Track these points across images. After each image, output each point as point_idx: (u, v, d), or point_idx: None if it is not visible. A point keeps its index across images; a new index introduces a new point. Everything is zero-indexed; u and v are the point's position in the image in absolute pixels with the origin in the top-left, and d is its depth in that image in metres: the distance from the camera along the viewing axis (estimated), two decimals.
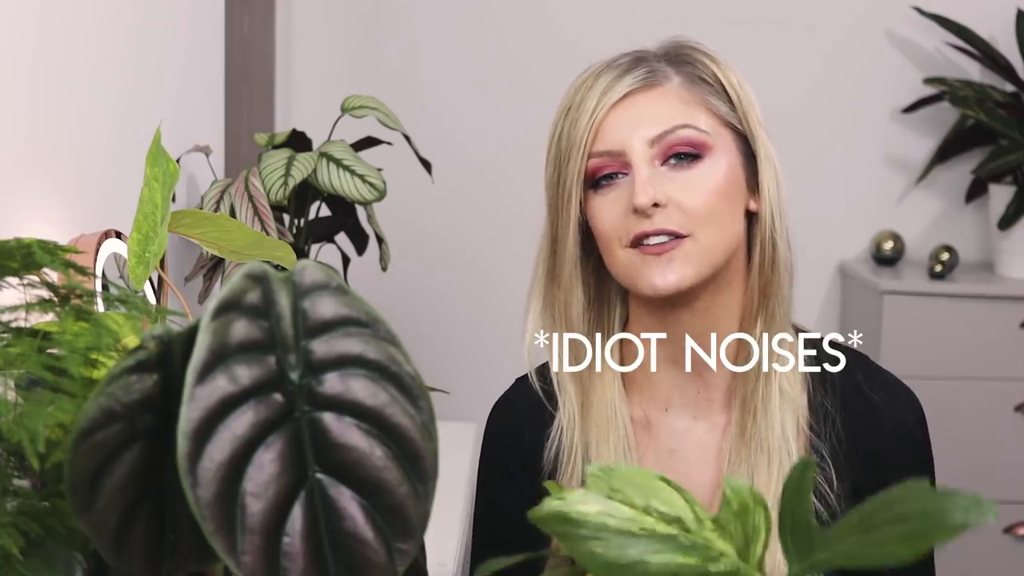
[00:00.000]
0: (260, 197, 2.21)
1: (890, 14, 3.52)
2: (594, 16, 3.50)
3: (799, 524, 0.73)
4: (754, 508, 0.76)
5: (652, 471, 0.77)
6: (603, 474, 0.76)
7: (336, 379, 0.71)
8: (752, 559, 0.75)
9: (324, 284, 0.73)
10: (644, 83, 1.40)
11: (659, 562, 0.73)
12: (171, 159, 1.21)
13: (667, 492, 0.76)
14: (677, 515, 0.76)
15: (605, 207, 1.39)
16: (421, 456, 0.71)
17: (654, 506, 0.76)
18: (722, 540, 0.75)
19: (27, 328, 0.83)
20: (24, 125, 1.51)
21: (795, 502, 0.74)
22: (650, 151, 1.38)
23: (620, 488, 0.76)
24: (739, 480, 0.77)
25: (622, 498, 0.76)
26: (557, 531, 0.74)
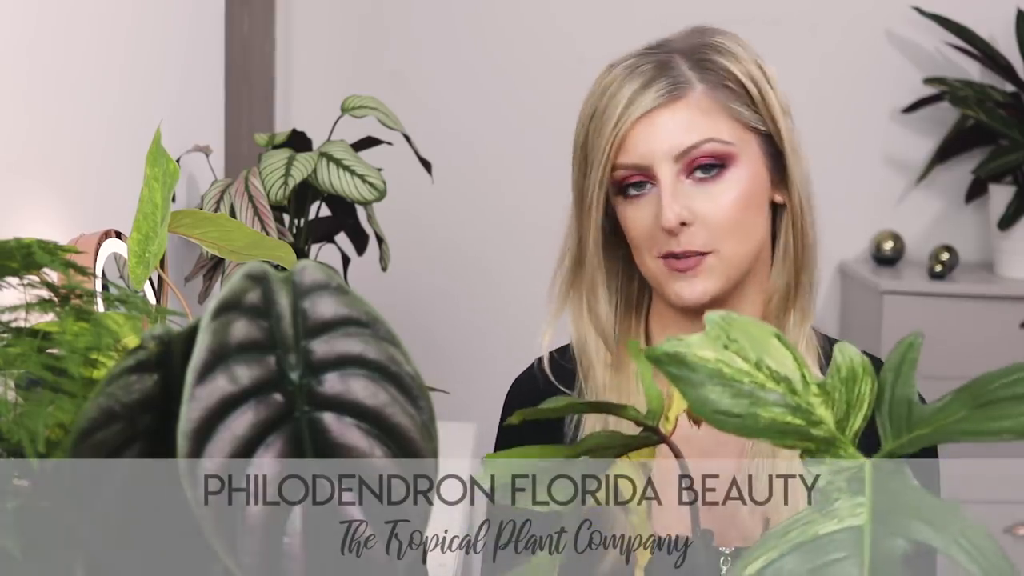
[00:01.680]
0: (260, 197, 2.21)
1: (890, 14, 3.52)
2: (593, 16, 3.50)
3: (899, 399, 0.73)
4: (863, 377, 0.75)
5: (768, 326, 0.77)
6: (722, 322, 0.76)
7: (336, 379, 0.71)
8: (849, 431, 0.74)
9: (324, 284, 0.73)
10: (668, 96, 1.41)
11: (768, 417, 0.73)
12: (171, 159, 1.21)
13: (780, 350, 0.76)
14: (786, 375, 0.75)
15: (636, 216, 1.43)
16: (421, 456, 0.71)
17: (765, 362, 0.75)
18: (824, 406, 0.75)
19: (27, 328, 0.83)
20: (24, 125, 1.51)
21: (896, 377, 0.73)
22: (675, 166, 1.41)
23: (736, 339, 0.76)
24: (851, 347, 0.76)
25: (737, 349, 0.75)
26: (671, 372, 0.74)
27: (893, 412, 0.74)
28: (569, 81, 3.57)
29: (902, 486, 0.72)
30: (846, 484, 0.72)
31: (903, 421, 0.73)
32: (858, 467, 0.73)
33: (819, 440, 0.74)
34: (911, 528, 0.69)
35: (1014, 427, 0.69)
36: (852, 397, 0.75)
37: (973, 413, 0.71)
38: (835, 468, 0.73)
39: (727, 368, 0.75)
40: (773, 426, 0.73)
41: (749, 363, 0.75)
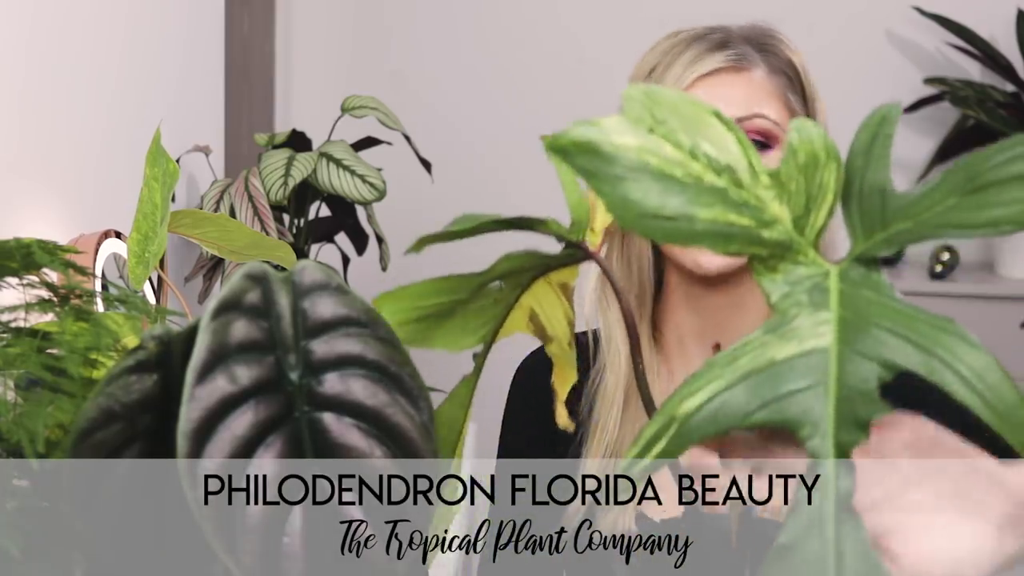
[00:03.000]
0: (260, 197, 2.21)
1: (890, 14, 3.52)
2: (594, 15, 3.50)
3: (870, 187, 0.59)
4: (826, 162, 0.60)
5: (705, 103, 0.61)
6: (645, 98, 0.60)
7: (336, 379, 0.71)
8: (810, 230, 0.60)
9: (324, 284, 0.73)
10: (732, 64, 1.43)
11: (707, 217, 0.59)
12: (171, 159, 1.21)
13: (719, 131, 0.60)
14: (728, 163, 0.59)
15: None
16: (421, 456, 0.71)
17: (703, 148, 0.59)
18: (778, 201, 0.60)
19: (27, 328, 0.83)
20: (24, 126, 1.51)
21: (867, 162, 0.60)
22: None
23: (664, 119, 0.60)
24: (811, 124, 0.61)
25: (665, 132, 0.60)
26: (583, 166, 0.60)
27: (864, 204, 0.60)
28: (570, 81, 3.58)
29: (877, 297, 0.59)
30: (807, 297, 0.58)
31: (876, 215, 0.59)
32: (821, 275, 0.59)
33: (772, 243, 0.59)
34: (889, 348, 0.57)
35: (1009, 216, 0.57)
36: (813, 188, 0.60)
37: (963, 200, 0.58)
38: (793, 277, 0.59)
39: (653, 158, 0.59)
40: (713, 228, 0.58)
41: (682, 150, 0.60)
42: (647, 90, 0.60)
